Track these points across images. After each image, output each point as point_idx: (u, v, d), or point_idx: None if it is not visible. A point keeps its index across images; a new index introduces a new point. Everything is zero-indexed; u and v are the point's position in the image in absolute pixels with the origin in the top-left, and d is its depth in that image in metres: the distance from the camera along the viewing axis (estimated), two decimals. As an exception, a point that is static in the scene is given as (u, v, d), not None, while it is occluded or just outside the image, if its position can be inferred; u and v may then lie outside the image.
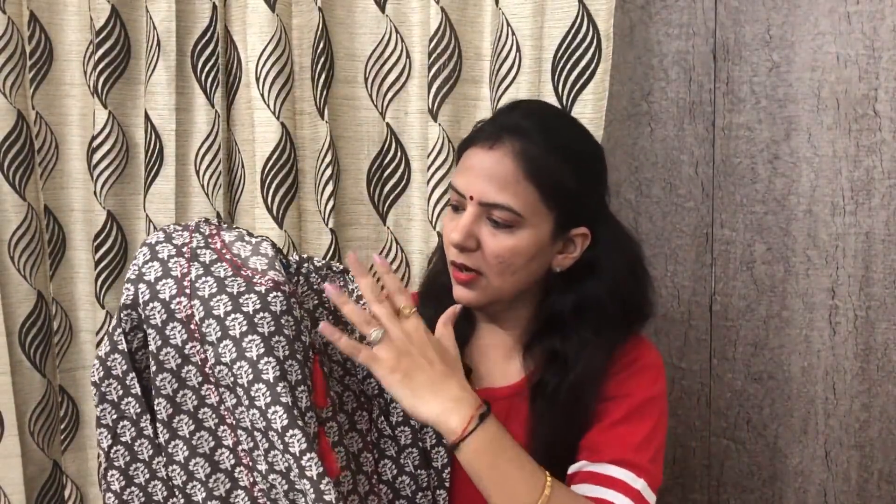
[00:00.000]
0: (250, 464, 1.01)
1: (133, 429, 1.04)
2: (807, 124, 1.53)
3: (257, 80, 1.57)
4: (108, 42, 1.67)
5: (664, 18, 1.58)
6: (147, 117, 1.67)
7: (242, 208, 1.69)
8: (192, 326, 0.98)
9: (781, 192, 1.55)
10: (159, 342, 0.99)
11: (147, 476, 1.05)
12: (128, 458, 1.04)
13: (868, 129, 1.50)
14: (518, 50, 1.49)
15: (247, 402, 0.96)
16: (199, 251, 1.00)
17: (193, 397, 1.02)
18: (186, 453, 1.03)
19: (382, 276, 1.04)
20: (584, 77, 1.46)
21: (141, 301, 1.00)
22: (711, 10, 1.55)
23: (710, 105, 1.58)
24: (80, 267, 1.83)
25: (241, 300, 0.97)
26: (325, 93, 1.58)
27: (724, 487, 1.65)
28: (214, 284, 0.98)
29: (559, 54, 1.47)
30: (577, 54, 1.46)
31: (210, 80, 1.67)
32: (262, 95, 1.57)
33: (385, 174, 1.64)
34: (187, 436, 1.02)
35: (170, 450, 1.03)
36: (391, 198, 1.64)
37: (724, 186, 1.58)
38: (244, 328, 0.96)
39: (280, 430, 0.94)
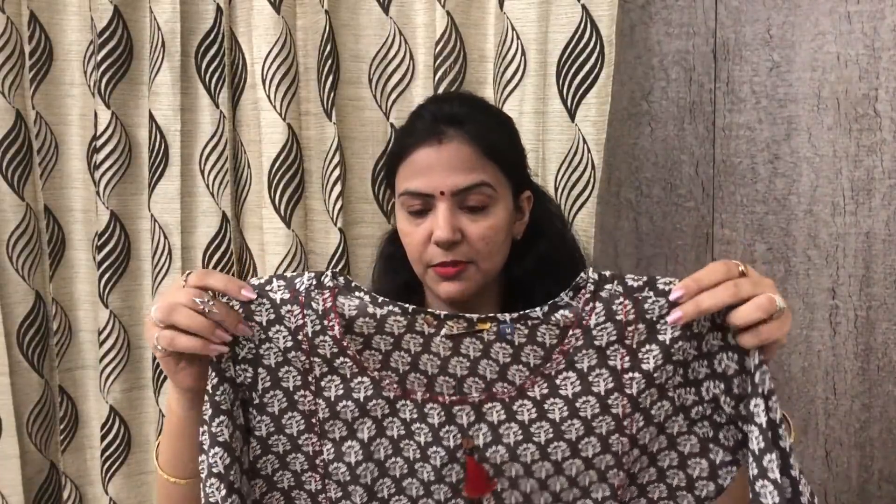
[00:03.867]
0: None
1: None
2: (807, 124, 1.54)
3: (263, 81, 1.58)
4: (111, 42, 1.67)
5: (664, 18, 1.60)
6: (151, 117, 1.68)
7: (249, 208, 1.70)
8: (314, 420, 1.00)
9: (782, 192, 1.56)
10: (272, 428, 1.02)
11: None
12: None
13: (868, 128, 1.51)
14: (523, 54, 1.50)
15: None
16: (317, 341, 0.98)
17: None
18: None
19: None
20: (588, 81, 1.48)
21: (260, 388, 1.00)
22: (711, 9, 1.57)
23: (711, 105, 1.59)
24: (80, 267, 1.82)
25: (368, 405, 0.99)
26: (332, 94, 1.59)
27: (724, 488, 1.65)
28: (341, 386, 0.99)
29: (563, 59, 1.49)
30: (581, 59, 1.47)
31: (215, 80, 1.68)
32: (269, 97, 1.58)
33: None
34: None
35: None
36: (396, 197, 1.66)
37: (725, 186, 1.59)
38: (372, 433, 1.00)
39: None
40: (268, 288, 0.98)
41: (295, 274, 0.99)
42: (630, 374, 0.95)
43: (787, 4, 1.53)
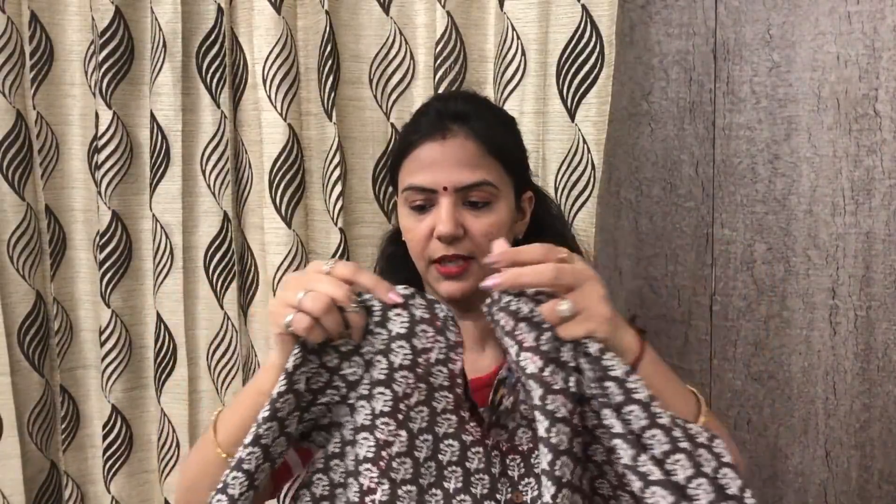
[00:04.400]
0: None
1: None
2: (807, 124, 1.54)
3: (264, 81, 1.59)
4: (112, 43, 1.68)
5: (664, 18, 1.60)
6: (153, 118, 1.68)
7: (250, 208, 1.71)
8: (384, 454, 0.97)
9: (782, 192, 1.56)
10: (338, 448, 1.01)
11: None
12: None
13: (868, 128, 1.51)
14: (523, 54, 1.51)
15: None
16: (434, 370, 0.97)
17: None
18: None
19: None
20: (588, 81, 1.48)
21: (358, 392, 0.99)
22: (711, 9, 1.57)
23: (711, 105, 1.59)
24: (81, 266, 1.83)
25: (441, 445, 0.99)
26: (332, 94, 1.59)
27: (725, 488, 1.65)
28: (427, 418, 0.98)
29: (563, 59, 1.49)
30: (581, 59, 1.48)
31: (216, 81, 1.68)
32: (270, 97, 1.59)
33: (390, 173, 1.66)
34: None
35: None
36: (396, 196, 1.66)
37: (725, 186, 1.59)
38: (432, 480, 0.98)
39: None
40: (411, 302, 0.96)
41: (433, 298, 0.97)
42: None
43: (787, 4, 1.53)
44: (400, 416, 0.97)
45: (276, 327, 0.97)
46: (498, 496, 0.98)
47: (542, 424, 0.88)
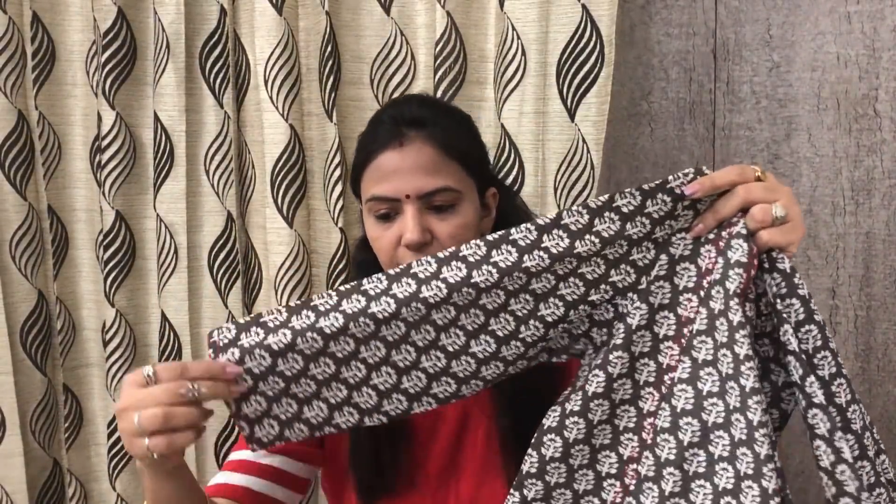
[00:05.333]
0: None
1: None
2: (807, 124, 1.54)
3: (266, 82, 1.59)
4: (115, 44, 1.68)
5: (664, 18, 1.60)
6: (156, 118, 1.69)
7: (253, 208, 1.71)
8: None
9: (782, 192, 1.56)
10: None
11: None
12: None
13: (868, 129, 1.51)
14: (523, 53, 1.51)
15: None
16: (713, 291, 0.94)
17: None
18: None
19: None
20: (588, 81, 1.48)
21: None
22: (711, 10, 1.57)
23: (710, 105, 1.59)
24: (84, 266, 1.84)
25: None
26: (332, 95, 1.60)
27: (725, 487, 1.66)
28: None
29: (563, 59, 1.49)
30: (581, 59, 1.48)
31: (219, 81, 1.69)
32: (271, 98, 1.59)
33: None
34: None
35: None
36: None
37: (725, 186, 1.59)
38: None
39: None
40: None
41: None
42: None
43: (787, 4, 1.53)
44: (682, 345, 0.96)
45: (145, 459, 0.96)
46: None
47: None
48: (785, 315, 0.89)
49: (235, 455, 1.24)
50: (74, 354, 1.86)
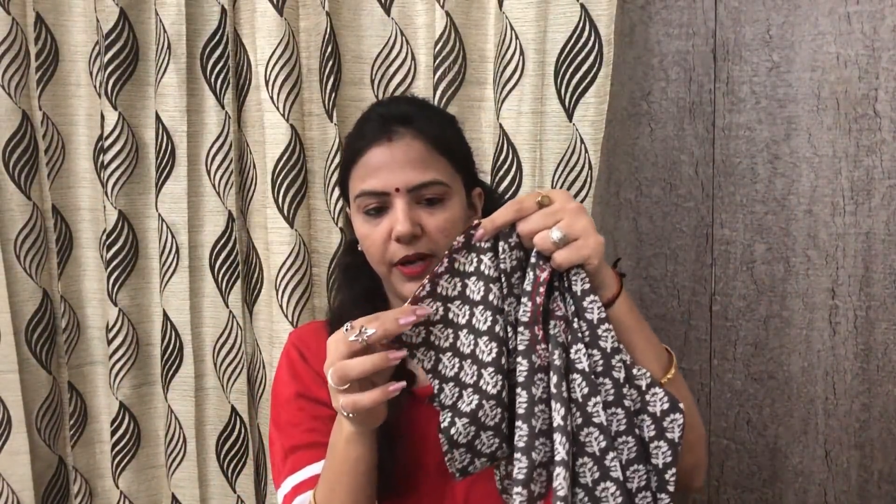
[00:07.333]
0: None
1: None
2: (807, 124, 1.53)
3: (266, 83, 1.60)
4: (118, 44, 1.69)
5: (664, 18, 1.60)
6: (158, 118, 1.70)
7: (254, 208, 1.72)
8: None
9: (781, 192, 1.56)
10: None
11: None
12: None
13: (868, 129, 1.50)
14: (522, 53, 1.51)
15: None
16: None
17: None
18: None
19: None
20: (587, 81, 1.48)
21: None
22: (711, 10, 1.57)
23: (710, 105, 1.59)
24: (88, 265, 1.85)
25: None
26: (333, 95, 1.60)
27: (724, 488, 1.66)
28: None
29: (561, 59, 1.49)
30: (580, 59, 1.48)
31: (220, 81, 1.70)
32: (272, 98, 1.60)
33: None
34: None
35: None
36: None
37: (724, 186, 1.59)
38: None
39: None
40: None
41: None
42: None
43: (787, 4, 1.52)
44: None
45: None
46: None
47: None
48: (579, 335, 0.96)
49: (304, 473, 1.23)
50: (79, 352, 1.87)
